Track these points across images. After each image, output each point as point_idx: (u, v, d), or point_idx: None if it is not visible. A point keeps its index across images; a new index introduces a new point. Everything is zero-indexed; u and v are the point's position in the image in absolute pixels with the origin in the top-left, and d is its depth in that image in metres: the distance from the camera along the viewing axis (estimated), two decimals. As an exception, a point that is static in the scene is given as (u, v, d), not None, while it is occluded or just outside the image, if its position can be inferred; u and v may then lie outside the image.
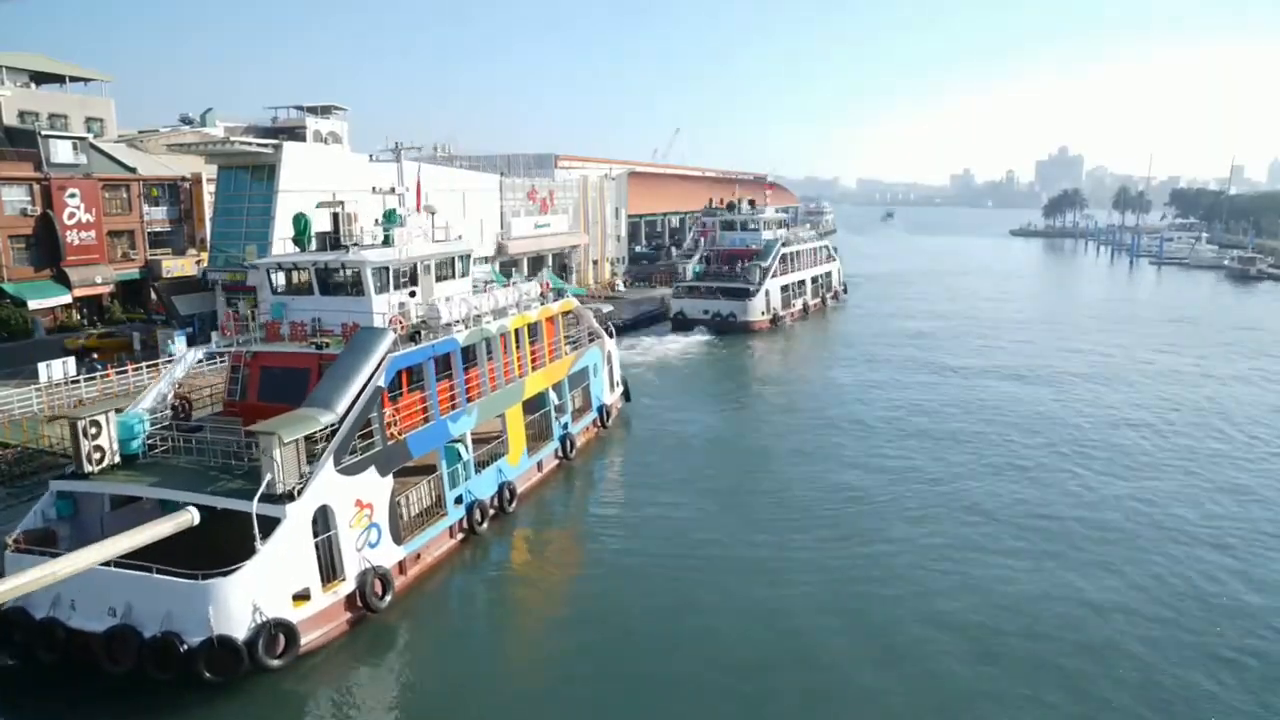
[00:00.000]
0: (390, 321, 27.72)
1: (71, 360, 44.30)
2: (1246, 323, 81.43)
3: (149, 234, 65.58)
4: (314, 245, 31.03)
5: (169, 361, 46.57)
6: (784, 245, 79.16)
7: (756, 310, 72.44)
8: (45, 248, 58.49)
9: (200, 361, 32.54)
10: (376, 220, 31.94)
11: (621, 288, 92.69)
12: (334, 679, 21.81)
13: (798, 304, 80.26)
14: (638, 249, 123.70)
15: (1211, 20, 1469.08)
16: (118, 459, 24.11)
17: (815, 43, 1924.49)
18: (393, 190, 33.00)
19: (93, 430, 23.42)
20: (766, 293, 73.64)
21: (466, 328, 31.27)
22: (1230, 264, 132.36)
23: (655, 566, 27.78)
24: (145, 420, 25.17)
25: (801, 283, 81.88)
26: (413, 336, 28.45)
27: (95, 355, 49.75)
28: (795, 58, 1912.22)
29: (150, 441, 25.02)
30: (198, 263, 64.85)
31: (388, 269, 29.45)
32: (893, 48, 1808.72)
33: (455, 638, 24.62)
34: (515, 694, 21.21)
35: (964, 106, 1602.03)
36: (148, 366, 45.66)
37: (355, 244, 30.30)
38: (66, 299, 58.73)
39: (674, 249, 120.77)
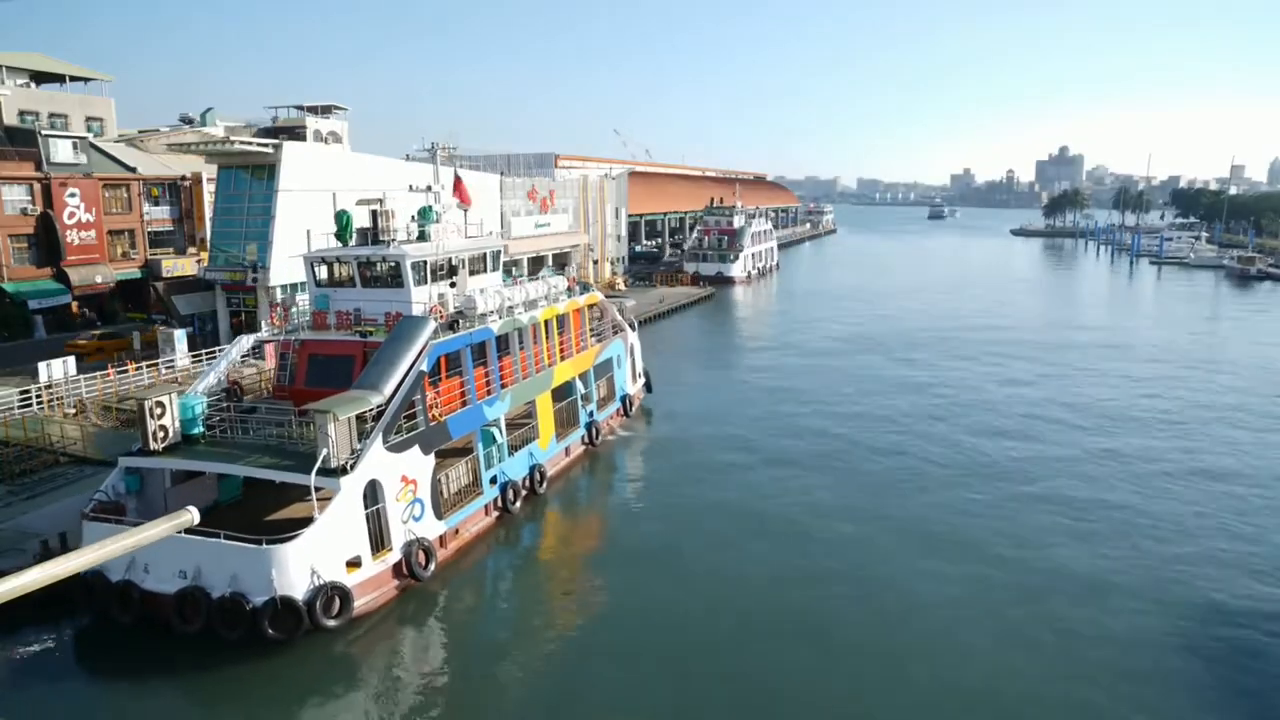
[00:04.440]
0: (430, 311, 29.21)
1: (71, 360, 44.25)
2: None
3: (149, 233, 65.59)
4: (354, 240, 32.38)
5: (169, 361, 46.75)
6: (752, 231, 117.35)
7: (740, 270, 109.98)
8: (45, 247, 58.47)
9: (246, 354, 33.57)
10: (413, 218, 33.37)
11: (622, 287, 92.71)
12: (383, 640, 23.07)
13: (758, 268, 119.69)
14: (638, 248, 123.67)
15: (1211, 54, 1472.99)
16: (179, 438, 25.45)
17: (816, 52, 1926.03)
18: (429, 189, 34.29)
19: (158, 410, 24.76)
20: (744, 259, 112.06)
21: (500, 318, 32.65)
22: (1230, 264, 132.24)
23: (675, 545, 28.93)
24: (204, 402, 26.46)
25: (760, 253, 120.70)
26: (451, 325, 29.89)
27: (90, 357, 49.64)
28: (797, 64, 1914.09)
29: (207, 423, 26.24)
30: (198, 262, 64.81)
31: (425, 262, 30.93)
32: (895, 59, 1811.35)
33: (492, 608, 26.00)
34: (546, 660, 22.30)
35: (965, 109, 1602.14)
36: (148, 366, 45.61)
37: (393, 239, 31.83)
38: (66, 298, 58.70)
39: (671, 249, 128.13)
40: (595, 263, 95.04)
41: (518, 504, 31.20)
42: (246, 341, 30.51)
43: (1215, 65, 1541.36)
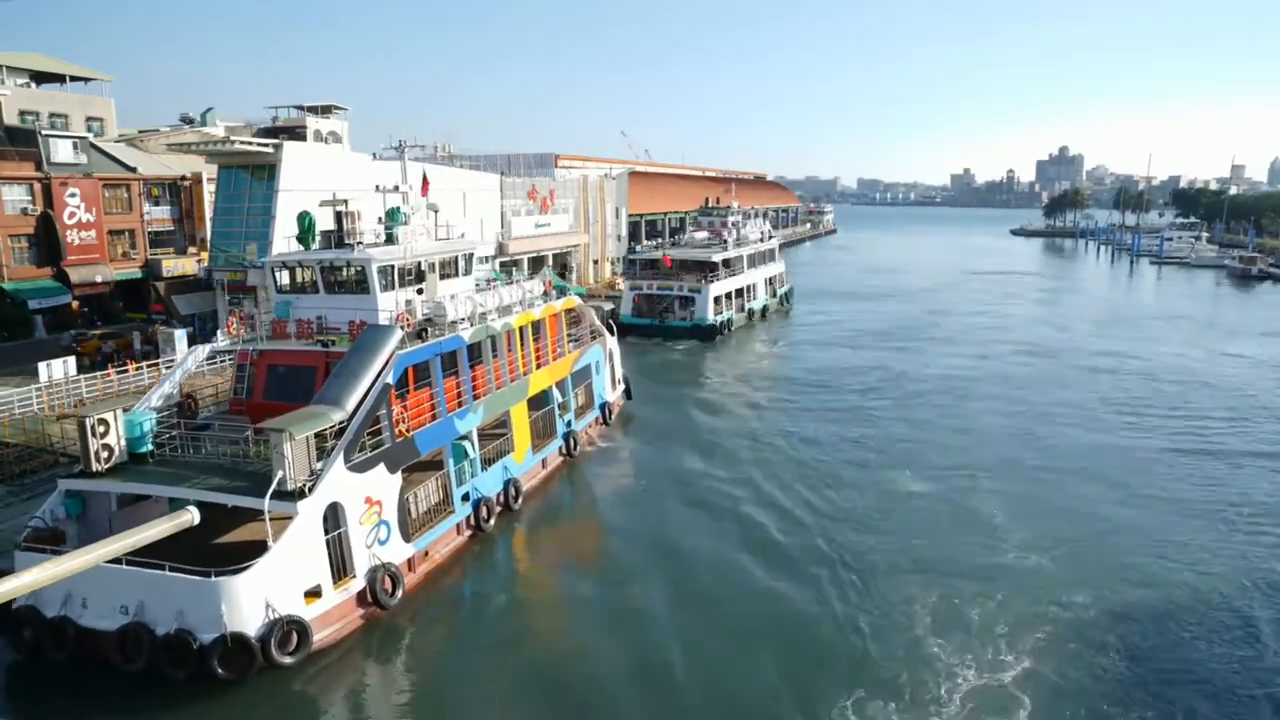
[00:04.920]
0: (397, 319, 27.79)
1: (72, 360, 44.27)
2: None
3: (149, 233, 65.52)
4: (318, 243, 30.99)
5: (170, 361, 46.71)
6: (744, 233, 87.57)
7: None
8: (45, 247, 58.43)
9: (210, 360, 32.54)
10: (380, 219, 31.89)
11: (623, 288, 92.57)
12: (346, 676, 21.81)
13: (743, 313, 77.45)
14: (637, 248, 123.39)
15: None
16: (126, 457, 23.96)
17: (817, 55, 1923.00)
18: (396, 188, 32.95)
19: (101, 429, 23.28)
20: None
21: (472, 325, 31.33)
22: (1231, 264, 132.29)
23: (658, 561, 27.95)
24: (152, 419, 25.01)
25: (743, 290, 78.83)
26: (419, 334, 28.48)
27: (102, 354, 49.64)
28: (798, 67, 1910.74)
29: (157, 440, 24.84)
30: (198, 262, 64.80)
31: (392, 267, 29.50)
32: (896, 63, 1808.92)
33: (465, 635, 24.65)
34: (524, 691, 21.25)
35: (965, 110, 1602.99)
36: (148, 366, 45.60)
37: (359, 242, 30.34)
38: (66, 298, 58.65)
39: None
40: (595, 263, 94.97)
41: (492, 522, 29.95)
42: (201, 352, 29.21)
43: (1216, 65, 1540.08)
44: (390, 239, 30.95)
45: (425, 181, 34.59)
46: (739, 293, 77.60)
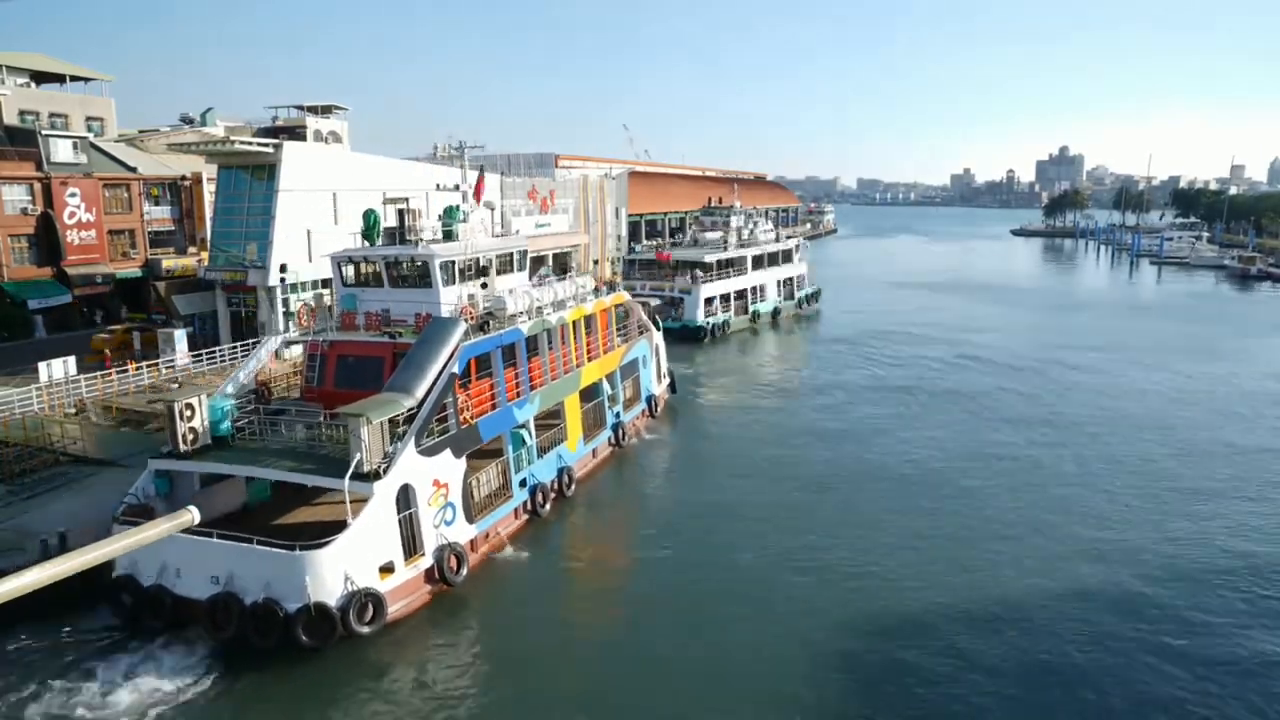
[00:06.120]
0: (461, 311, 29.17)
1: (72, 360, 44.27)
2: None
3: (149, 233, 65.51)
4: (381, 240, 32.40)
5: (169, 361, 46.72)
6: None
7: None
8: (46, 247, 58.36)
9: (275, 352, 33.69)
10: (439, 216, 33.58)
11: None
12: (417, 647, 22.88)
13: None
14: (637, 248, 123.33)
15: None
16: (209, 440, 25.26)
17: (819, 59, 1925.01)
18: (457, 188, 34.46)
19: (187, 413, 24.60)
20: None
21: (530, 319, 32.59)
22: (1231, 264, 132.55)
23: (704, 546, 28.94)
24: (232, 404, 26.26)
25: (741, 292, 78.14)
26: (481, 326, 29.79)
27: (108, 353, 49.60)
28: (800, 69, 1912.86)
29: (235, 425, 25.99)
30: (199, 261, 64.82)
31: (453, 263, 31.00)
32: (898, 64, 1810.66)
33: (524, 613, 25.46)
34: (582, 665, 22.34)
35: (965, 110, 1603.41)
36: (148, 366, 45.61)
37: (420, 239, 31.79)
38: (66, 298, 58.67)
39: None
40: (595, 263, 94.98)
41: (547, 507, 31.10)
42: (274, 342, 30.55)
43: (1216, 65, 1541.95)
44: (448, 235, 32.48)
45: (481, 179, 35.93)
46: (740, 294, 77.41)
